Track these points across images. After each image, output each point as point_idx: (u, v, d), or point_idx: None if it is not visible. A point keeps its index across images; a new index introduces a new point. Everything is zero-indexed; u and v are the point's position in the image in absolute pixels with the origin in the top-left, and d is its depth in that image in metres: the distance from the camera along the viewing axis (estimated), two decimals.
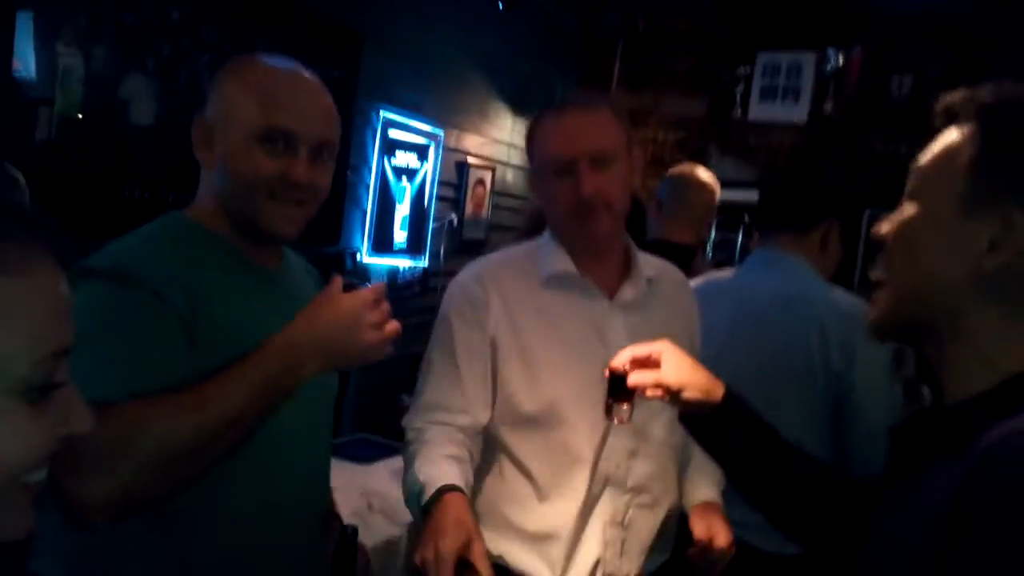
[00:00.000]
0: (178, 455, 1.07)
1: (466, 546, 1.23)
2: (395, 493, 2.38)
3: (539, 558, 1.58)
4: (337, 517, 1.50)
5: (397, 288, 3.40)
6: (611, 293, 1.64)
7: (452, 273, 1.75)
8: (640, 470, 1.63)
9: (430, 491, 1.37)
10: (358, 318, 1.20)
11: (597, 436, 1.58)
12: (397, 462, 2.65)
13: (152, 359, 1.10)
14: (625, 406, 1.37)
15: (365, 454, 2.74)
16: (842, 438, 2.06)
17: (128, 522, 1.10)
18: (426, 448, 1.50)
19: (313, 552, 1.35)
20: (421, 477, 1.41)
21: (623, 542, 1.61)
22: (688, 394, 1.27)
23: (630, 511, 1.62)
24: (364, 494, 2.35)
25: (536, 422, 1.56)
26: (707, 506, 1.72)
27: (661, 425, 1.61)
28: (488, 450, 1.60)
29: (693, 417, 1.30)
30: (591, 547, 1.59)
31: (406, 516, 2.23)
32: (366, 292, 1.23)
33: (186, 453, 1.07)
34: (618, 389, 1.35)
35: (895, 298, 0.95)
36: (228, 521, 1.18)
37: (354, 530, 1.39)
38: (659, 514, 1.67)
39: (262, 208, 1.21)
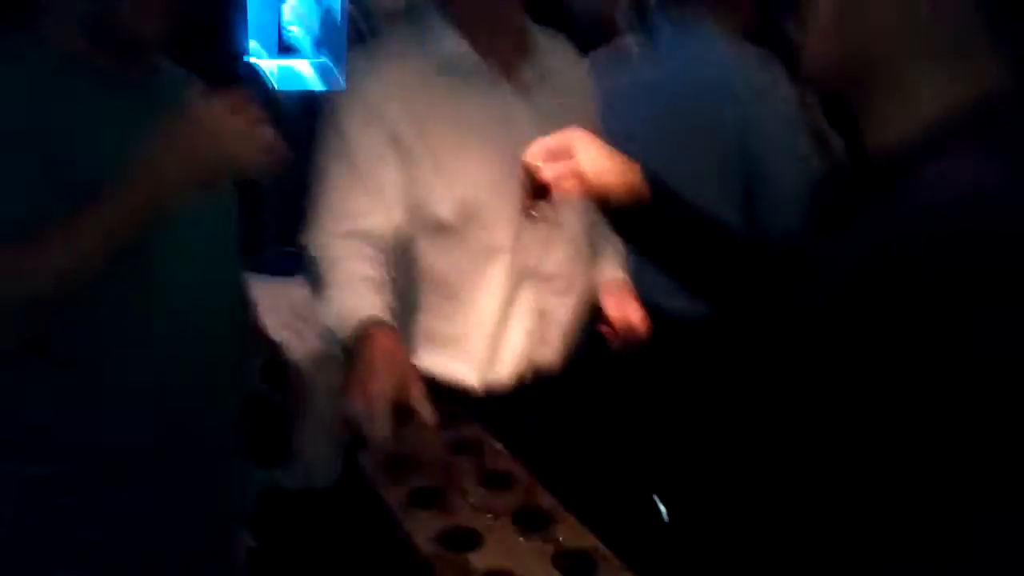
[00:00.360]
0: (37, 299, 1.02)
1: (402, 388, 1.14)
2: None
3: (463, 362, 1.56)
4: (263, 334, 1.47)
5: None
6: (508, 75, 1.53)
7: None
8: (555, 257, 1.61)
9: (350, 325, 1.25)
10: (218, 127, 1.10)
11: (512, 230, 1.54)
12: None
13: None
14: (545, 203, 1.33)
15: (290, 268, 2.68)
16: (755, 207, 2.08)
17: (27, 363, 1.06)
18: (336, 270, 1.38)
19: (233, 370, 1.30)
20: (336, 308, 1.31)
21: (543, 331, 1.62)
22: (605, 179, 1.21)
23: (549, 300, 1.62)
24: (293, 308, 2.32)
25: (451, 226, 1.50)
26: (617, 285, 1.75)
27: (572, 209, 1.57)
28: (401, 262, 1.51)
29: (615, 209, 1.25)
30: (514, 341, 1.59)
31: None
32: (227, 99, 1.12)
33: (45, 297, 1.02)
34: (535, 183, 1.29)
35: (824, 42, 0.91)
36: (132, 349, 1.13)
37: (279, 345, 1.37)
38: (575, 298, 1.67)
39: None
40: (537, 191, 1.29)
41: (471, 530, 1.05)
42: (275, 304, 2.30)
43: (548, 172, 1.24)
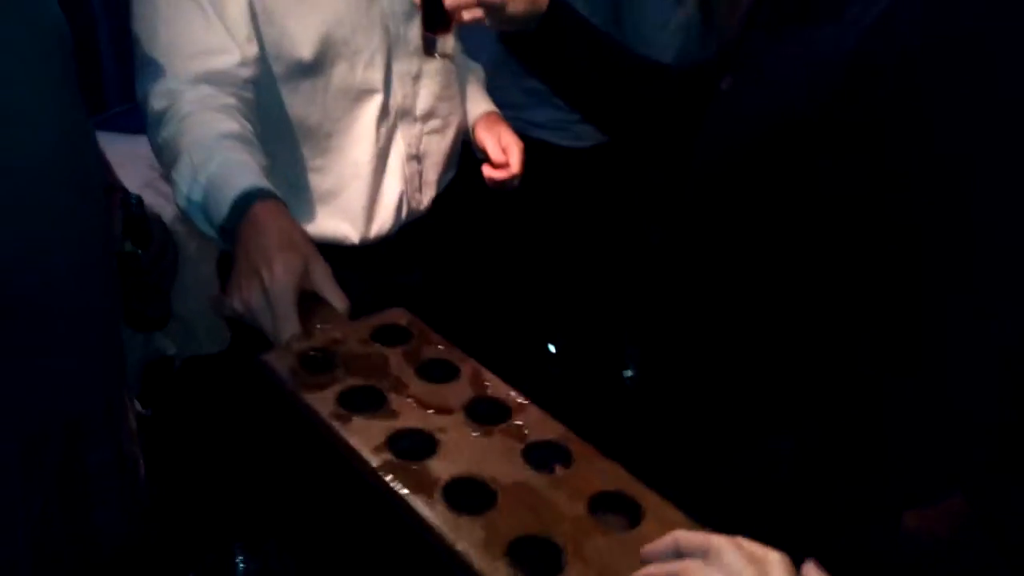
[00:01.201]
0: None
1: (304, 274, 0.97)
2: None
3: (341, 218, 1.46)
4: (120, 190, 1.35)
5: None
6: None
7: None
8: (427, 92, 1.52)
9: (226, 201, 1.05)
10: None
11: (381, 68, 1.42)
12: None
13: None
14: (447, 37, 1.20)
15: (141, 124, 2.49)
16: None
17: None
18: (191, 128, 1.15)
19: (90, 224, 1.16)
20: (203, 180, 1.09)
21: (420, 174, 1.54)
22: (512, 7, 1.12)
23: (423, 140, 1.53)
24: (152, 165, 2.15)
25: (313, 66, 1.36)
26: (489, 117, 1.67)
27: (442, 40, 1.46)
28: (264, 113, 1.33)
29: (515, 35, 1.17)
30: (391, 188, 1.50)
31: None
32: None
33: None
34: (434, 17, 1.17)
35: None
36: None
37: (138, 200, 1.25)
38: (449, 136, 1.59)
39: None
40: (437, 23, 1.18)
41: (422, 432, 0.87)
42: (130, 163, 2.14)
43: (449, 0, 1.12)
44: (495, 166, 1.60)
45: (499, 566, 0.71)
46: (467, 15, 1.14)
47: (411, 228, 1.56)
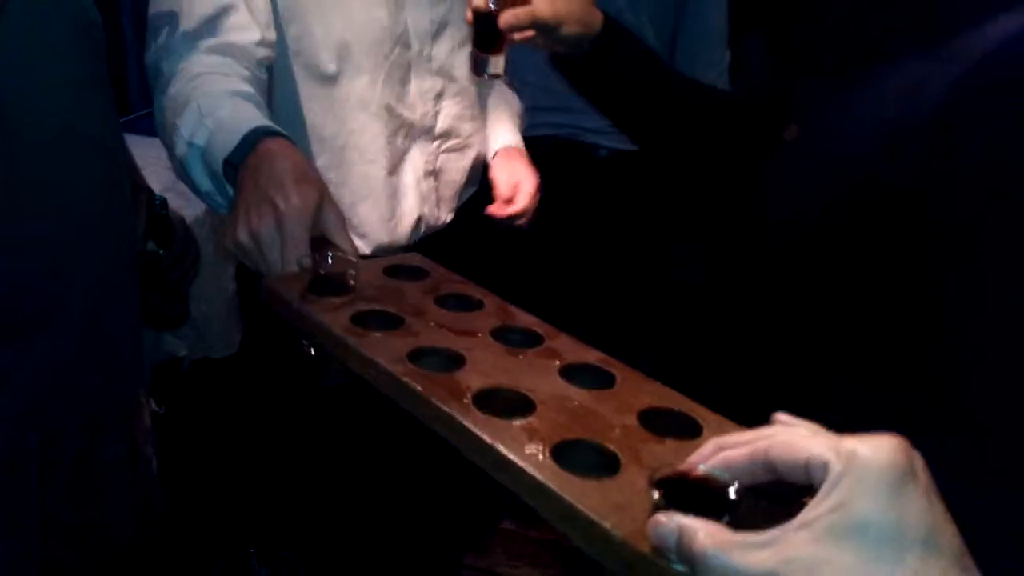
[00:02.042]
0: None
1: (318, 212, 0.91)
2: None
3: (355, 233, 1.41)
4: (145, 190, 1.36)
5: None
6: None
7: None
8: (448, 112, 1.51)
9: (235, 136, 0.99)
10: None
11: (399, 84, 1.41)
12: None
13: None
14: (499, 57, 1.16)
15: None
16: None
17: None
18: (205, 82, 1.12)
19: (114, 224, 1.17)
20: (212, 121, 1.04)
21: (437, 190, 1.53)
22: (567, 29, 1.08)
23: (439, 158, 1.52)
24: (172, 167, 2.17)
25: (331, 76, 1.35)
26: (508, 151, 1.63)
27: (467, 58, 1.44)
28: (284, 119, 1.32)
29: (566, 57, 1.13)
30: (409, 204, 1.48)
31: None
32: None
33: None
34: (486, 36, 1.13)
35: None
36: None
37: (162, 201, 1.27)
38: (469, 156, 1.58)
39: None
40: (489, 42, 1.14)
41: (446, 350, 0.77)
42: (153, 165, 2.16)
43: (504, 18, 1.09)
44: (503, 202, 1.58)
45: (546, 464, 0.62)
46: (519, 36, 1.11)
47: (430, 240, 1.56)
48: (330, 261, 0.88)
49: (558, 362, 0.78)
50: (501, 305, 0.89)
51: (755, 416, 0.56)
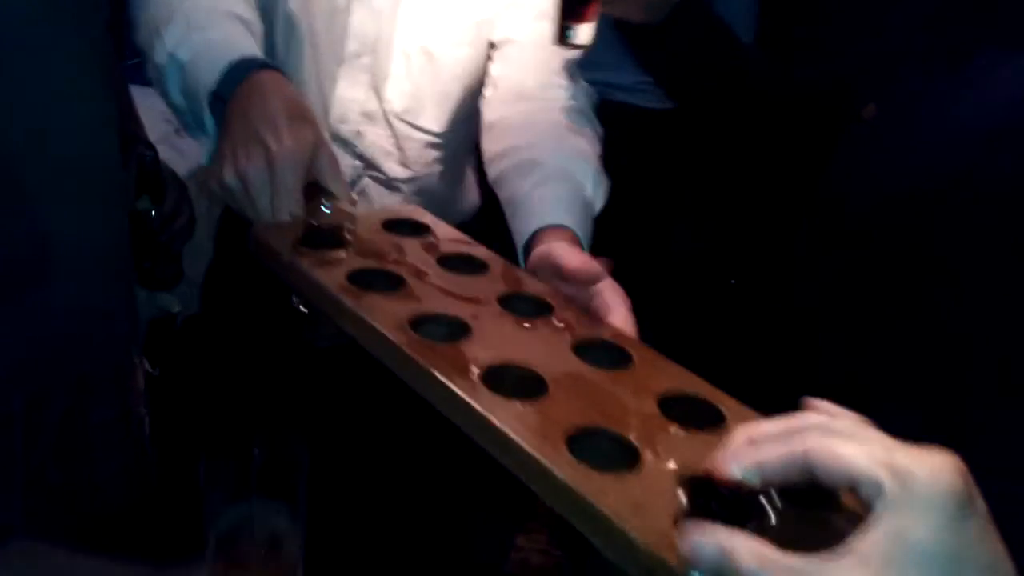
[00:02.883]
0: None
1: (312, 156, 0.84)
2: None
3: None
4: (142, 143, 1.32)
5: None
6: None
7: None
8: (373, 140, 1.24)
9: (222, 62, 0.90)
10: None
11: (332, 78, 1.19)
12: None
13: None
14: (589, 24, 1.01)
15: None
16: None
17: None
18: (190, 3, 1.01)
19: (105, 182, 1.12)
20: (199, 37, 0.94)
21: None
22: None
23: (363, 180, 1.29)
24: (168, 119, 2.12)
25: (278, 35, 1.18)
26: (559, 238, 1.01)
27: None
28: None
29: (639, 25, 1.04)
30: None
31: None
32: None
33: None
34: (572, 3, 1.00)
35: None
36: None
37: (153, 155, 1.22)
38: (398, 199, 1.31)
39: None
40: (574, 8, 1.01)
41: (451, 317, 0.72)
42: (145, 116, 2.11)
43: None
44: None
45: (561, 454, 0.58)
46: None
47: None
48: (325, 211, 0.82)
49: (570, 336, 0.73)
50: (507, 269, 0.83)
51: (774, 402, 0.53)
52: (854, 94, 0.89)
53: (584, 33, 1.03)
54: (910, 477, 0.43)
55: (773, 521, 0.47)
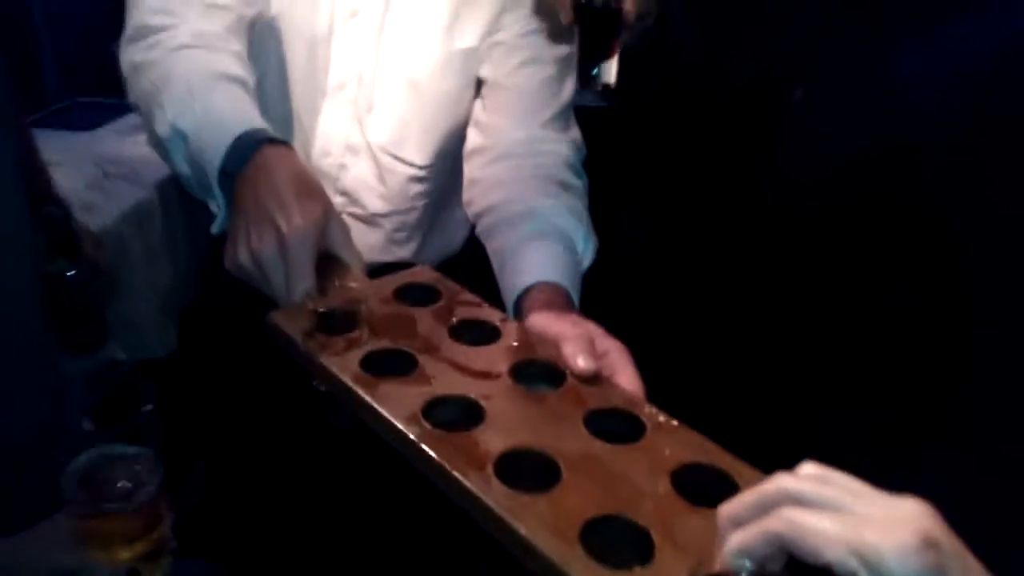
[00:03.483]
0: None
1: (323, 226, 0.85)
2: (132, 152, 2.11)
3: None
4: (52, 202, 1.26)
5: None
6: None
7: None
8: (356, 174, 1.21)
9: (225, 136, 0.90)
10: None
11: (315, 112, 1.18)
12: (126, 121, 2.31)
13: None
14: (612, 61, 0.98)
15: (86, 119, 2.39)
16: None
17: None
18: (196, 56, 0.99)
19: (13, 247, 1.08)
20: (201, 107, 0.93)
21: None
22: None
23: (343, 217, 1.25)
24: (96, 163, 2.07)
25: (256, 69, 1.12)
26: (549, 296, 0.97)
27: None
28: None
29: None
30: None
31: (150, 175, 1.99)
32: None
33: None
34: (598, 36, 1.00)
35: None
36: None
37: (64, 214, 1.17)
38: (379, 236, 1.26)
39: None
40: (602, 43, 1.00)
41: (464, 399, 0.73)
42: (72, 162, 2.06)
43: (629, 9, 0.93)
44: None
45: (575, 552, 0.58)
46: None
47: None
48: (338, 288, 0.84)
49: (582, 409, 0.73)
50: (518, 333, 0.84)
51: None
52: (780, 82, 0.88)
53: (611, 71, 1.01)
54: (880, 563, 0.43)
55: None
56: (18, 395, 1.03)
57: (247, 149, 0.89)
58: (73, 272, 1.18)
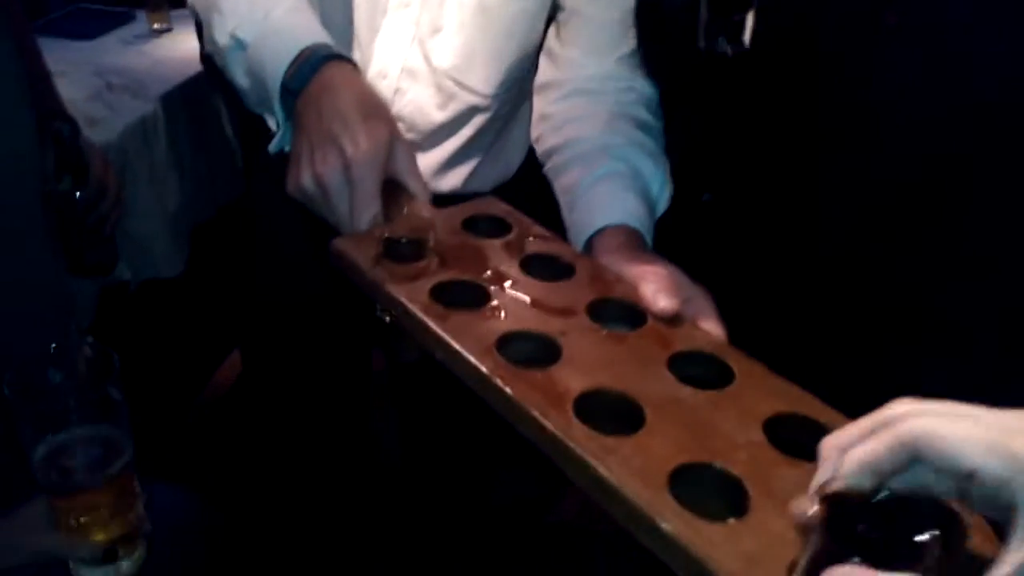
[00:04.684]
0: None
1: (389, 150, 0.82)
2: (135, 63, 2.04)
3: None
4: (59, 117, 1.19)
5: None
6: None
7: None
8: (411, 97, 1.14)
9: (288, 49, 0.87)
10: None
11: (373, 28, 1.11)
12: (130, 29, 2.24)
13: None
14: (750, 14, 0.87)
15: (88, 27, 2.29)
16: None
17: None
18: None
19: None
20: (264, 15, 0.91)
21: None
22: None
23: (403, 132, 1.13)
24: (99, 73, 1.98)
25: None
26: (620, 241, 0.91)
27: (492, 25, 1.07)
28: None
29: None
30: None
31: (155, 88, 1.91)
32: None
33: None
34: None
35: None
36: None
37: (72, 129, 1.11)
38: (437, 159, 1.21)
39: None
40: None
41: (540, 335, 0.70)
42: (74, 70, 1.98)
43: None
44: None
45: (664, 499, 0.54)
46: None
47: None
48: (405, 216, 0.81)
49: (665, 351, 0.69)
50: (594, 270, 0.80)
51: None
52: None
53: (746, 28, 0.86)
54: None
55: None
56: (27, 318, 0.99)
57: (310, 65, 0.86)
58: (82, 192, 1.13)
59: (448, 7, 1.08)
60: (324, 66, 0.86)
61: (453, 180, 1.21)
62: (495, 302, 0.74)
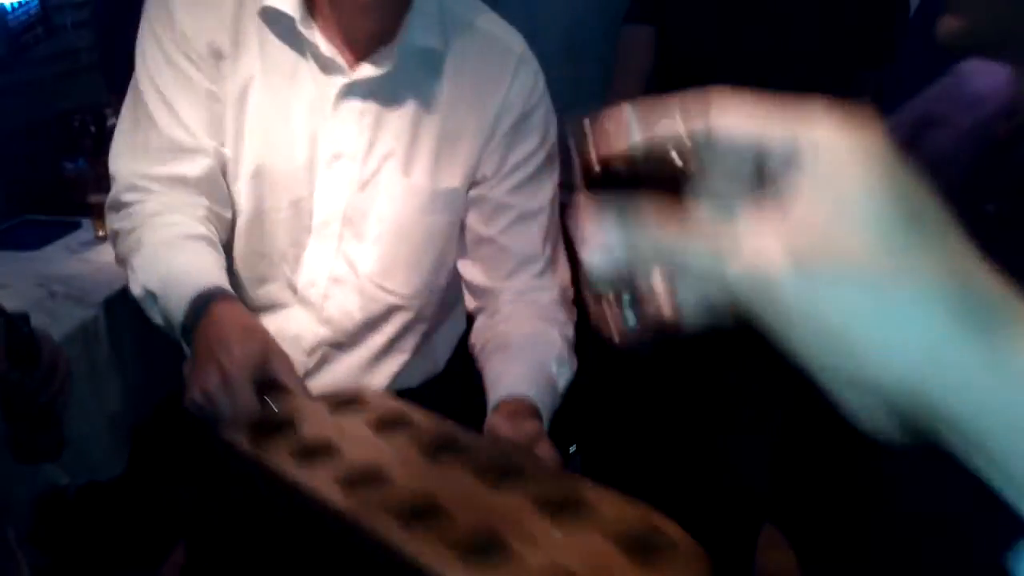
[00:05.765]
0: None
1: (263, 362, 0.98)
2: (79, 270, 2.10)
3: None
4: (2, 313, 1.24)
5: (9, 33, 2.77)
6: (354, 63, 1.13)
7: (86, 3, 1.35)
8: (341, 303, 1.23)
9: (184, 299, 1.04)
10: None
11: (300, 246, 1.20)
12: (74, 239, 2.31)
13: None
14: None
15: (33, 238, 2.37)
16: None
17: None
18: (159, 225, 1.11)
19: None
20: (164, 269, 1.08)
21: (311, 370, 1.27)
22: None
23: (320, 351, 1.25)
24: (42, 283, 2.04)
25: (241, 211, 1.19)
26: (514, 407, 1.07)
27: (408, 240, 1.20)
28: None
29: None
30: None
31: (98, 293, 1.96)
32: None
33: None
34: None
35: None
36: None
37: (24, 317, 1.16)
38: (357, 361, 1.28)
39: None
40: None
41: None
42: (18, 281, 2.03)
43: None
44: None
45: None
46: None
47: None
48: (276, 405, 0.96)
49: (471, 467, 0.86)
50: (432, 419, 0.96)
51: None
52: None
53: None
54: (833, 129, 0.36)
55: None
56: None
57: (201, 306, 1.03)
58: (31, 377, 1.16)
59: (369, 222, 1.20)
60: (212, 305, 1.03)
61: (380, 378, 1.29)
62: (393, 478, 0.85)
